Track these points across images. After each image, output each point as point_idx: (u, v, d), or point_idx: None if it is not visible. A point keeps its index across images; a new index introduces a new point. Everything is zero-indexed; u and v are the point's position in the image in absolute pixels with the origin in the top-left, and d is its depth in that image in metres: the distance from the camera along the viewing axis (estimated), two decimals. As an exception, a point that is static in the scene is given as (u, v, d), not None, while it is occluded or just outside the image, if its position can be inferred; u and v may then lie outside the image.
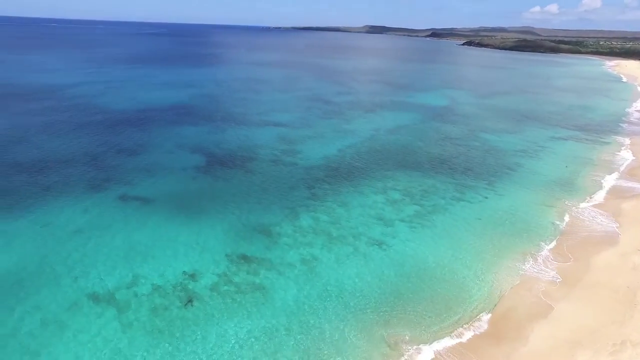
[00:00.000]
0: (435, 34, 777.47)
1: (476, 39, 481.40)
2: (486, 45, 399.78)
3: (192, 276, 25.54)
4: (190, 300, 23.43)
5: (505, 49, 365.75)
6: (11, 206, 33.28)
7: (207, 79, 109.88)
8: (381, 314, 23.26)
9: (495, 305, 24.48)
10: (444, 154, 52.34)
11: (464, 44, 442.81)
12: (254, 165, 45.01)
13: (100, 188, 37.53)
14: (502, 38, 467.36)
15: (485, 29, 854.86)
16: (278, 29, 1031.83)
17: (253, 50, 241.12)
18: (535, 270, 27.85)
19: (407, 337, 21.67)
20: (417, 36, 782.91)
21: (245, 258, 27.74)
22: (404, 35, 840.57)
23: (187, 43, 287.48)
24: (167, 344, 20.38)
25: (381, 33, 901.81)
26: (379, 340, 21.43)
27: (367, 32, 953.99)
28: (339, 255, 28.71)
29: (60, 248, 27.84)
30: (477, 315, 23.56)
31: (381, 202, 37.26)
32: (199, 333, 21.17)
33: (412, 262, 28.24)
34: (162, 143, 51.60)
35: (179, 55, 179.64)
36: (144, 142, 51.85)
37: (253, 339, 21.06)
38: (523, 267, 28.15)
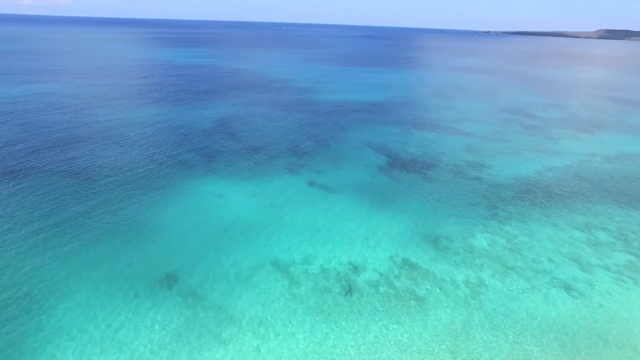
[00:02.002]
0: None
1: None
2: None
3: (356, 268, 26.91)
4: (350, 290, 24.82)
5: None
6: (231, 175, 41.48)
7: (405, 81, 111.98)
8: (554, 370, 19.75)
9: None
10: (688, 197, 40.08)
11: None
12: (435, 174, 43.91)
13: (295, 172, 43.05)
14: None
15: None
16: (487, 33, 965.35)
17: (456, 55, 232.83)
18: None
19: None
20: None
21: (409, 264, 27.58)
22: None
23: (391, 46, 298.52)
24: (323, 325, 22.14)
25: (621, 39, 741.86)
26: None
27: (601, 37, 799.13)
28: (511, 287, 25.58)
29: (261, 216, 33.26)
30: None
31: (580, 241, 31.27)
32: (352, 323, 22.27)
33: (610, 322, 22.87)
34: (352, 139, 55.48)
35: (381, 57, 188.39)
36: (336, 135, 56.82)
37: (398, 346, 20.90)
38: None
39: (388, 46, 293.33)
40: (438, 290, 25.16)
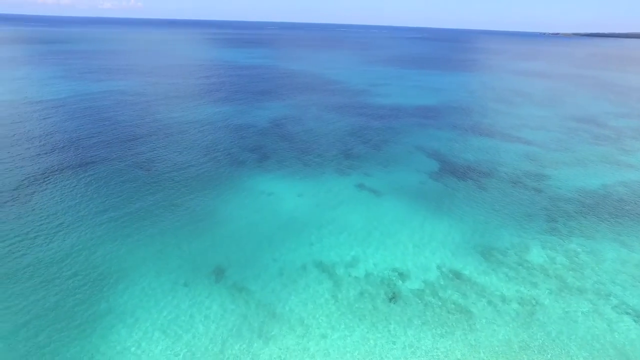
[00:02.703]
0: None
1: None
2: None
3: (402, 275, 26.47)
4: (394, 297, 24.47)
5: None
6: (282, 174, 42.41)
7: (460, 85, 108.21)
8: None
9: None
10: None
11: None
12: (491, 182, 42.05)
13: (345, 174, 43.14)
14: None
15: None
16: (555, 35, 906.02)
17: (519, 58, 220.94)
18: None
19: None
20: None
21: (457, 275, 26.67)
22: None
23: (448, 48, 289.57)
24: (364, 329, 22.04)
25: None
26: None
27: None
28: (569, 308, 23.90)
29: (309, 217, 33.74)
30: None
31: (653, 264, 28.50)
32: (394, 330, 21.95)
33: (685, 358, 20.65)
34: (404, 142, 54.57)
35: (437, 60, 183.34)
36: (387, 138, 56.16)
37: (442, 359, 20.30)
38: None
39: (445, 48, 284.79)
40: (488, 305, 24.10)
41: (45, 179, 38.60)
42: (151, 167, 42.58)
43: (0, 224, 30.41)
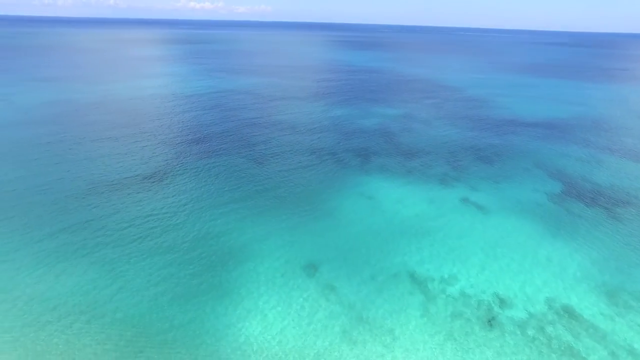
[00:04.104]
0: None
1: None
2: None
3: (503, 301, 24.32)
4: (490, 323, 22.62)
5: None
6: (383, 179, 42.16)
7: (601, 97, 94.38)
8: None
9: None
10: None
11: None
12: (626, 213, 36.05)
13: (449, 185, 41.10)
14: None
15: None
16: None
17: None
18: None
19: None
20: None
21: (571, 313, 23.54)
22: None
23: (593, 55, 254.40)
24: (453, 351, 20.80)
25: None
26: None
27: None
28: None
29: (406, 225, 33.04)
30: None
31: None
32: (486, 358, 20.32)
33: None
34: (521, 158, 49.81)
35: (573, 68, 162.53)
36: (501, 152, 51.83)
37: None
38: None
39: (588, 55, 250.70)
40: (609, 356, 20.78)
41: (180, 164, 44.39)
42: (264, 162, 45.97)
43: (146, 202, 35.90)
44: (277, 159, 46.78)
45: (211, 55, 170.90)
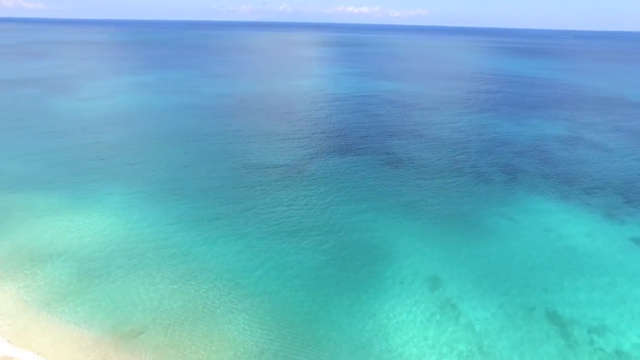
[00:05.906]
0: None
1: None
2: None
3: (674, 374, 19.71)
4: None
5: None
6: (529, 201, 37.82)
7: None
8: None
9: None
10: None
11: None
12: None
13: (616, 219, 34.71)
14: None
15: None
16: None
17: None
18: None
19: None
20: None
21: None
22: None
23: None
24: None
25: None
26: None
27: None
28: None
29: (552, 256, 29.16)
30: None
31: None
32: None
33: None
34: None
35: None
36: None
37: None
38: None
39: None
40: None
41: (322, 159, 47.59)
42: (399, 166, 45.91)
43: (290, 189, 39.64)
44: (412, 164, 46.15)
45: (362, 57, 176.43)
